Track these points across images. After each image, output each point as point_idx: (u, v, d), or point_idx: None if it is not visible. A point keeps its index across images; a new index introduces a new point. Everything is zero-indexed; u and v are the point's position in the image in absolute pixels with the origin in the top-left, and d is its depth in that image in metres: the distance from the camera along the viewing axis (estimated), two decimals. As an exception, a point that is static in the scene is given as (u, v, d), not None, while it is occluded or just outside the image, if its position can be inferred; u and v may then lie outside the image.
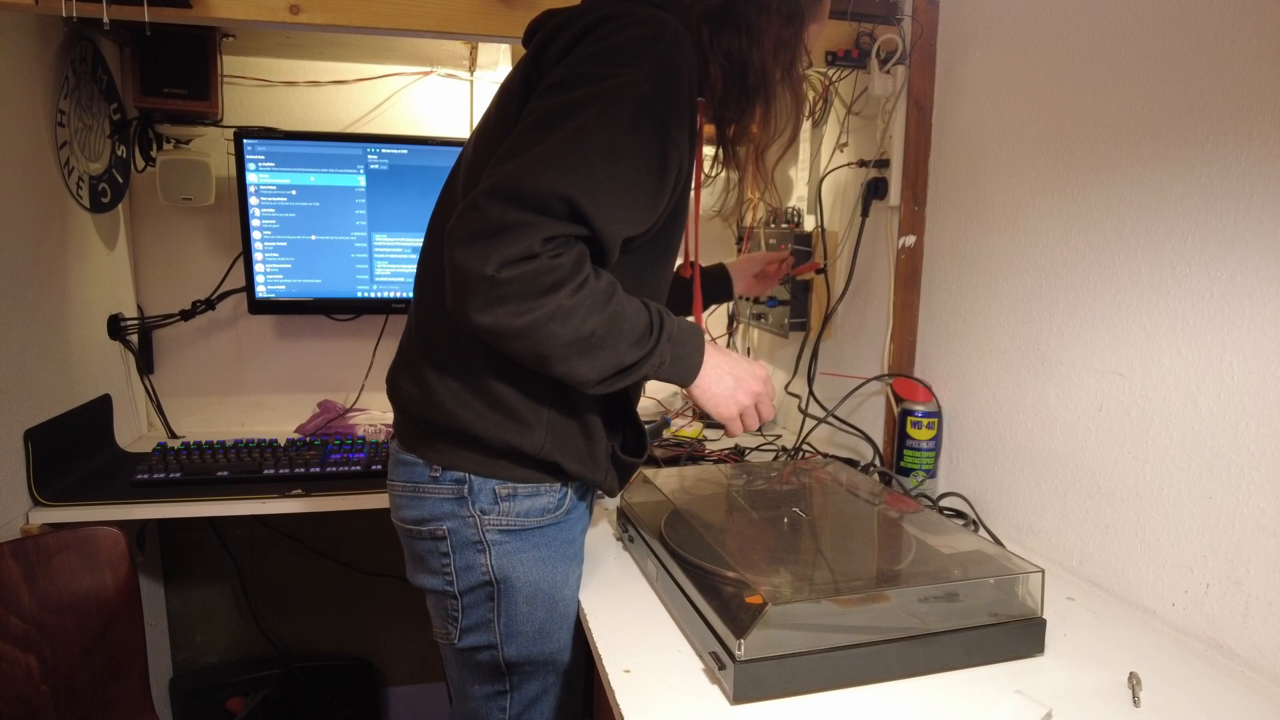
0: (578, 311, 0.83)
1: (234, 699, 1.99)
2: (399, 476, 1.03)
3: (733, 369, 1.01)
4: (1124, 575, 1.07)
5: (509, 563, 1.00)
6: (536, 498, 1.01)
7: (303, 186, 1.78)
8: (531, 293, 0.80)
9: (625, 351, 0.88)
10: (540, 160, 0.81)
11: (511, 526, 1.00)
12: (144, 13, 1.20)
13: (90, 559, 1.35)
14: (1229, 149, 0.92)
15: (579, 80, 0.85)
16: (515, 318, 0.81)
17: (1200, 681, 0.87)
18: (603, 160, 0.83)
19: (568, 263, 0.82)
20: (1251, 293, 0.90)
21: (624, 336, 0.88)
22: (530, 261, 0.80)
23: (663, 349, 0.92)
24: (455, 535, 1.00)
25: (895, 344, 1.51)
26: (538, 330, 0.82)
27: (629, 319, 0.88)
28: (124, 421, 1.77)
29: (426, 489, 1.00)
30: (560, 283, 0.81)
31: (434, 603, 1.05)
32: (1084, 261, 1.12)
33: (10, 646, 1.26)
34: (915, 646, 0.85)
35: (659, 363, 0.92)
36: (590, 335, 0.85)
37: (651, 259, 1.01)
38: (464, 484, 0.98)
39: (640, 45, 0.86)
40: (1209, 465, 0.95)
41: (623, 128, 0.84)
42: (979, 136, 1.33)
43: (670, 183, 0.91)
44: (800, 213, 1.84)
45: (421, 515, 1.00)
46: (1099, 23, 1.10)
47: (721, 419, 1.03)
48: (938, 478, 1.43)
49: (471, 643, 1.03)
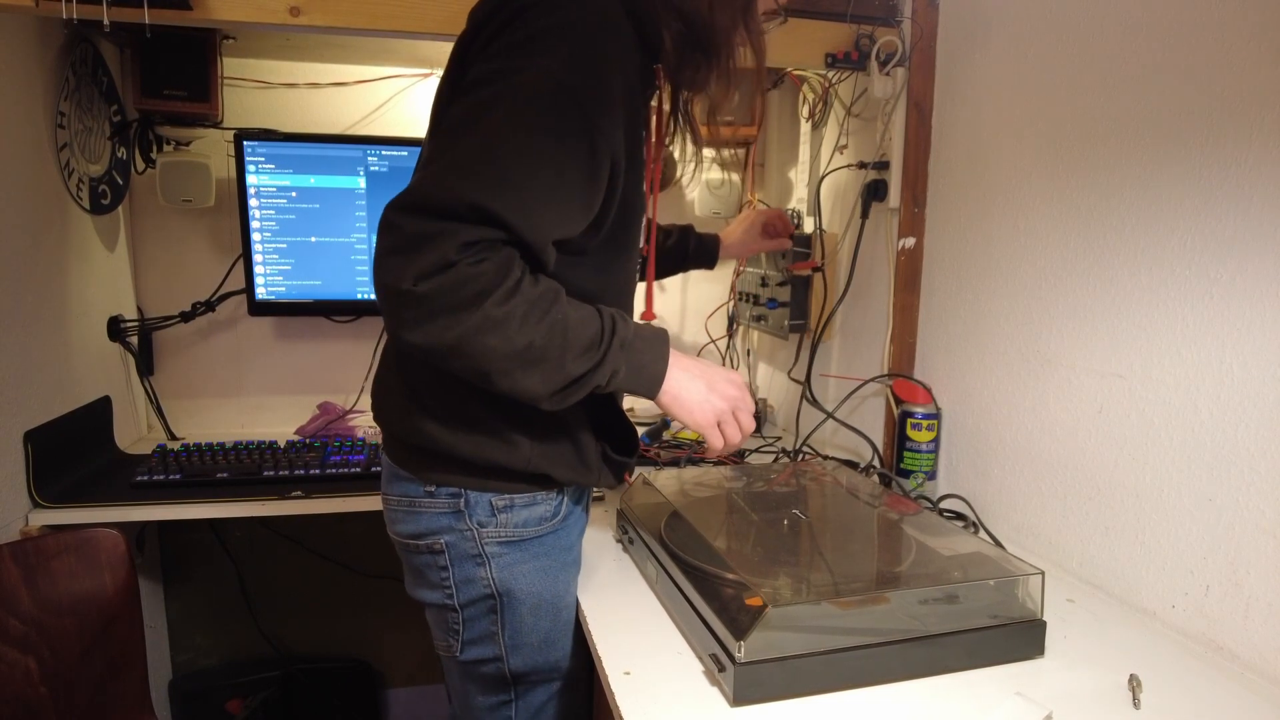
0: (510, 322, 0.79)
1: (233, 700, 1.99)
2: (393, 491, 1.01)
3: (704, 373, 0.96)
4: (1124, 577, 1.06)
5: (510, 575, 0.98)
6: (534, 507, 0.99)
7: (303, 188, 1.78)
8: (455, 305, 0.77)
9: (572, 363, 0.83)
10: (450, 169, 0.78)
11: (510, 538, 0.98)
12: (144, 15, 1.20)
13: (90, 561, 1.35)
14: (1229, 150, 0.92)
15: (492, 78, 0.81)
16: (444, 332, 0.78)
17: (1200, 683, 0.87)
18: (516, 160, 0.78)
19: (490, 269, 0.78)
20: (1251, 294, 0.90)
21: (569, 347, 0.83)
22: (448, 271, 0.76)
23: (614, 358, 0.86)
24: (453, 549, 0.98)
25: (895, 345, 1.51)
26: (470, 344, 0.78)
27: (573, 328, 0.83)
28: (124, 423, 1.77)
29: (422, 503, 0.98)
30: (484, 291, 0.77)
31: (434, 616, 1.04)
32: (1084, 263, 1.12)
33: (9, 648, 1.26)
34: (915, 648, 0.85)
35: (611, 372, 0.87)
36: (529, 347, 0.80)
37: (611, 256, 0.96)
38: (459, 498, 0.97)
39: (558, 32, 0.81)
40: (1209, 467, 0.95)
41: (537, 123, 0.79)
42: (979, 138, 1.33)
43: (602, 175, 0.85)
44: (800, 214, 1.84)
45: (419, 530, 0.99)
46: (1099, 25, 1.10)
47: (698, 428, 0.97)
48: (937, 479, 1.43)
49: (475, 655, 1.02)
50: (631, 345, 0.89)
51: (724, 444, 0.98)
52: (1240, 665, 0.91)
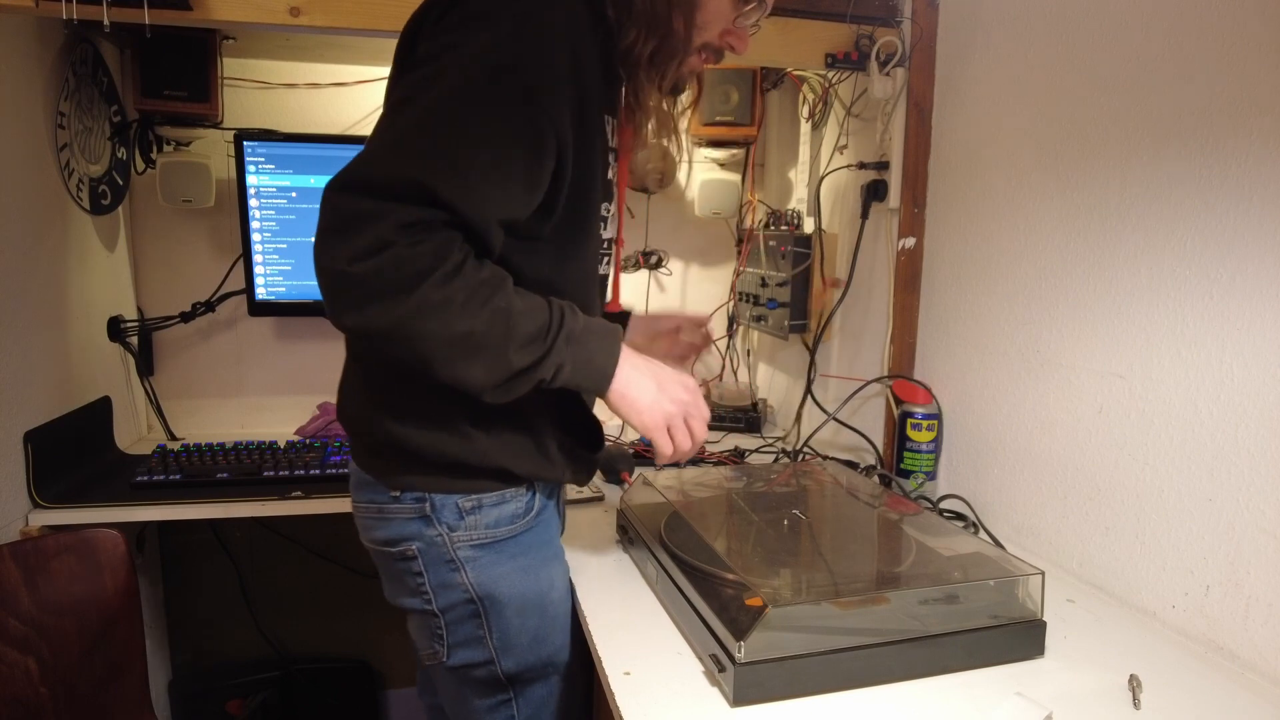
0: (449, 307, 0.76)
1: (233, 701, 1.99)
2: (362, 497, 0.99)
3: (655, 374, 0.92)
4: (1124, 577, 1.06)
5: (489, 578, 0.96)
6: (503, 505, 0.96)
7: (303, 189, 1.78)
8: (391, 287, 0.74)
9: (515, 354, 0.80)
10: (388, 147, 0.77)
11: (483, 540, 0.95)
12: (144, 15, 1.20)
13: (90, 561, 1.34)
14: (1229, 151, 0.92)
15: (436, 54, 0.80)
16: (381, 316, 0.75)
17: (1201, 684, 0.87)
18: (455, 137, 0.76)
19: (428, 250, 0.75)
20: (1251, 294, 0.90)
21: (512, 337, 0.80)
22: (385, 251, 0.74)
23: (559, 351, 0.83)
24: (426, 555, 0.95)
25: (895, 346, 1.51)
26: (407, 328, 0.76)
27: (517, 316, 0.80)
28: (124, 423, 1.77)
29: (390, 509, 0.96)
30: (423, 273, 0.75)
31: (416, 623, 1.02)
32: (1084, 263, 1.12)
33: (9, 649, 1.26)
34: (915, 648, 0.85)
35: (556, 366, 0.83)
36: (469, 334, 0.78)
37: (569, 243, 0.93)
38: (424, 502, 0.94)
39: (499, 9, 0.80)
40: (1209, 467, 0.95)
41: (476, 99, 0.77)
42: (979, 138, 1.33)
43: (546, 155, 0.83)
44: (800, 215, 1.84)
45: (390, 536, 0.97)
46: (1099, 25, 1.10)
47: (645, 431, 0.92)
48: (937, 480, 1.43)
49: (465, 659, 1.00)
50: (579, 339, 0.85)
51: (673, 450, 0.94)
52: (1240, 665, 0.91)
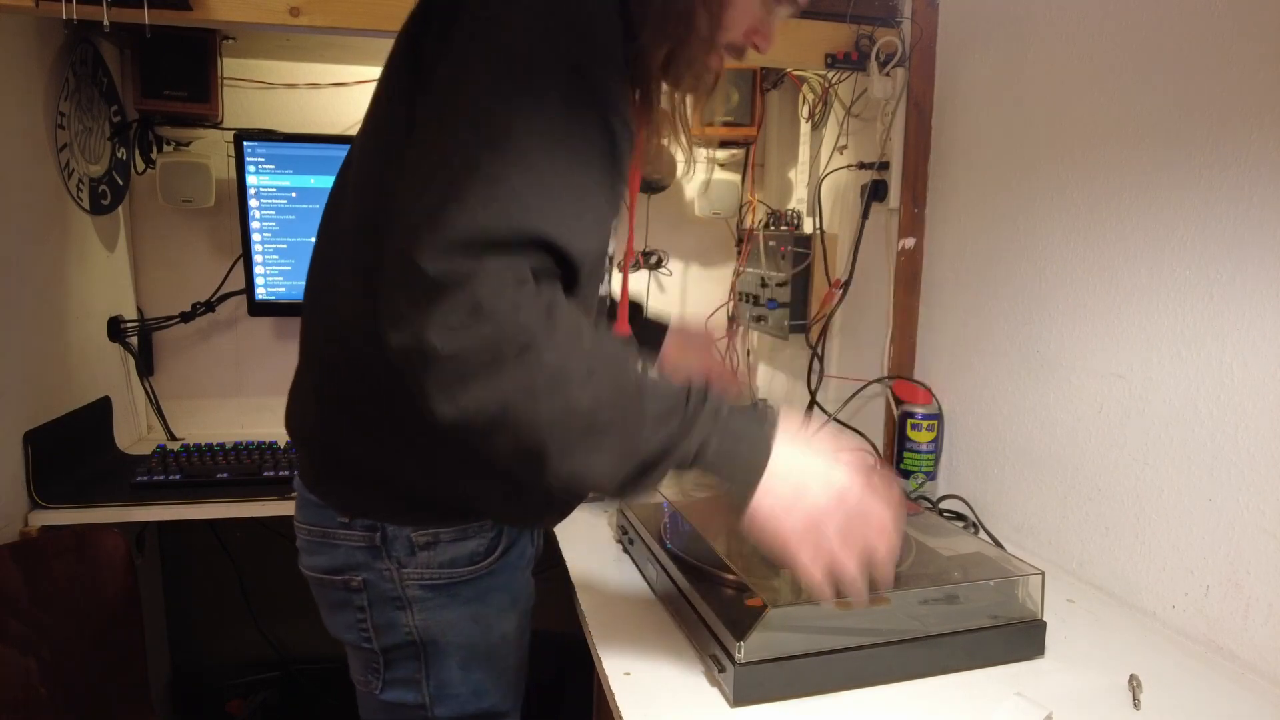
0: (567, 378, 0.61)
1: (233, 701, 1.99)
2: (305, 518, 0.88)
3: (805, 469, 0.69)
4: (1124, 577, 1.06)
5: (435, 623, 0.86)
6: (464, 543, 0.85)
7: (303, 189, 1.78)
8: (494, 361, 0.60)
9: (647, 434, 0.64)
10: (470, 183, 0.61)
11: (435, 580, 0.85)
12: (144, 15, 1.20)
13: (90, 561, 1.35)
14: (1229, 151, 0.92)
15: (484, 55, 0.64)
16: (483, 400, 0.60)
17: (1200, 684, 0.87)
18: (547, 161, 0.62)
19: (538, 313, 0.61)
20: (1251, 295, 0.90)
21: (645, 410, 0.64)
22: (482, 318, 0.59)
23: (704, 425, 0.66)
24: (372, 589, 0.85)
25: (895, 346, 1.51)
26: (517, 412, 0.61)
27: (648, 388, 0.65)
28: (124, 424, 1.77)
29: (337, 535, 0.85)
30: (531, 341, 0.60)
31: (352, 652, 0.92)
32: (1084, 263, 1.12)
33: (9, 648, 1.26)
34: (915, 649, 0.85)
35: (700, 444, 0.66)
36: (593, 414, 0.62)
37: None
38: (376, 531, 0.83)
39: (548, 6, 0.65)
40: (1209, 467, 0.95)
41: (559, 112, 0.63)
42: (979, 139, 1.33)
43: (625, 159, 0.70)
44: (800, 215, 1.84)
45: (334, 564, 0.86)
46: (1098, 25, 1.10)
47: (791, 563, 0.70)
48: (938, 480, 1.43)
49: (396, 698, 0.90)
50: (725, 413, 0.68)
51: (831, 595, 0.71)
52: (1240, 665, 0.91)
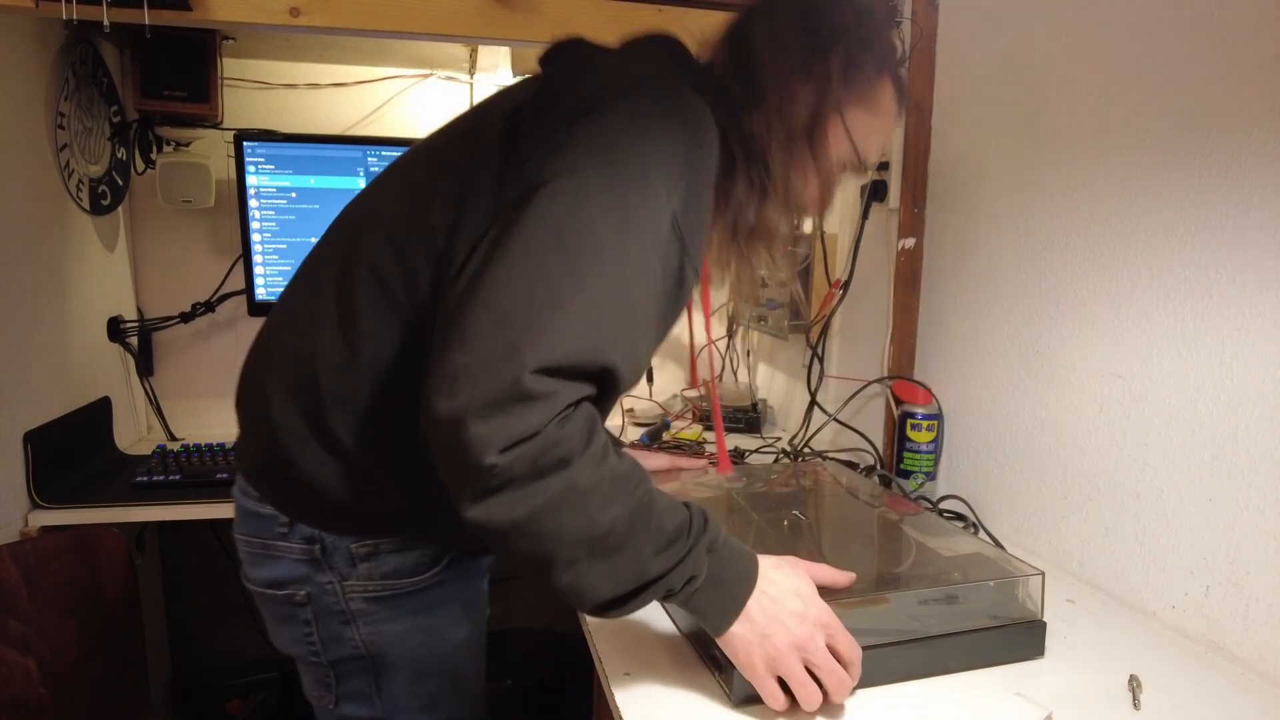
0: (593, 496, 0.64)
1: (233, 701, 1.99)
2: (245, 529, 0.87)
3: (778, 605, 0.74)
4: (1124, 578, 1.06)
5: (381, 636, 0.84)
6: (405, 553, 0.83)
7: (303, 189, 1.78)
8: (534, 473, 0.62)
9: (651, 558, 0.68)
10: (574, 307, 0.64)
11: (378, 593, 0.83)
12: (144, 15, 1.20)
13: (90, 562, 1.35)
14: (1229, 151, 0.92)
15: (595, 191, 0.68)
16: (513, 507, 0.63)
17: (1201, 684, 0.87)
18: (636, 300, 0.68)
19: (578, 430, 0.64)
20: (1251, 295, 0.90)
21: (651, 536, 0.68)
22: (535, 437, 0.62)
23: (697, 558, 0.70)
24: (316, 602, 0.84)
25: (895, 346, 1.51)
26: (541, 522, 0.64)
27: (660, 513, 0.69)
28: (123, 424, 1.77)
29: (277, 546, 0.84)
30: (569, 457, 0.63)
31: (303, 668, 0.92)
32: (1084, 263, 1.12)
33: (10, 649, 1.26)
34: (915, 649, 0.85)
35: (689, 577, 0.70)
36: (609, 532, 0.66)
37: None
38: (316, 544, 0.82)
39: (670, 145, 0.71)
40: (1209, 467, 0.95)
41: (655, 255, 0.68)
42: (979, 139, 1.33)
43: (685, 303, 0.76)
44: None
45: (276, 577, 0.85)
46: (1099, 26, 1.10)
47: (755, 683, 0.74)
48: (937, 480, 1.43)
49: (351, 713, 0.89)
50: (720, 551, 0.72)
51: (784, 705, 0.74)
52: (1240, 666, 0.91)
